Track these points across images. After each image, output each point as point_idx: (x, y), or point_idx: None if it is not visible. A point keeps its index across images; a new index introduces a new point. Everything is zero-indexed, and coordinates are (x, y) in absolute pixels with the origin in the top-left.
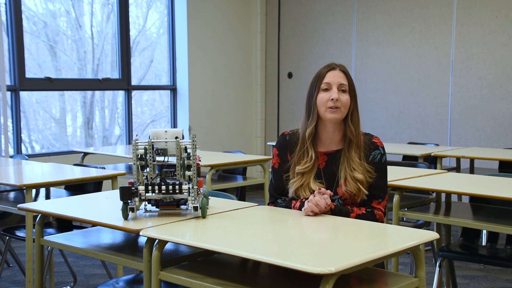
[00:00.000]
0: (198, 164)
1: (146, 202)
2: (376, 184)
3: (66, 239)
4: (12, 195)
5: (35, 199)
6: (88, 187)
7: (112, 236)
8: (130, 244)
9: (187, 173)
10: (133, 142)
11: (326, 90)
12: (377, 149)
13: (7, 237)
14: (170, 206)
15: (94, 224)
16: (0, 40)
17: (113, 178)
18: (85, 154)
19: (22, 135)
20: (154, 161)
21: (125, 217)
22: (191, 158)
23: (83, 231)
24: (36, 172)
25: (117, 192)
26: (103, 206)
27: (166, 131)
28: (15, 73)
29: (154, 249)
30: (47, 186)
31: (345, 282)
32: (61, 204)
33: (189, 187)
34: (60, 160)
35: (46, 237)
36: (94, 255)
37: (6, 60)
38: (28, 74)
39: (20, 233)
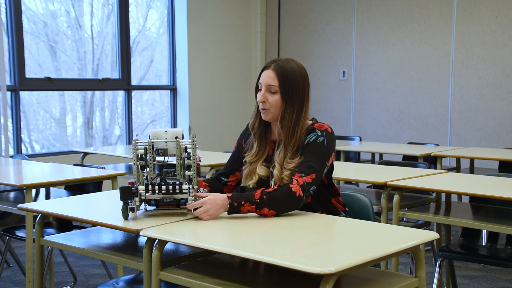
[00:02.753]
0: (198, 164)
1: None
2: (303, 161)
3: (66, 239)
4: (12, 195)
5: (35, 199)
6: (88, 187)
7: (112, 236)
8: (130, 244)
9: (187, 173)
10: (133, 142)
11: (260, 90)
12: (312, 132)
13: (7, 237)
14: (170, 206)
15: (94, 224)
16: (0, 40)
17: (113, 178)
18: (85, 154)
19: (22, 135)
20: (154, 161)
21: (125, 217)
22: (191, 158)
23: (83, 231)
24: (36, 172)
25: (117, 192)
26: (103, 206)
27: (166, 131)
28: (15, 73)
29: (154, 249)
30: (47, 186)
31: (345, 282)
32: (61, 204)
33: (189, 187)
34: (60, 160)
35: (46, 237)
36: (94, 255)
37: (6, 60)
38: (28, 74)
39: (20, 233)
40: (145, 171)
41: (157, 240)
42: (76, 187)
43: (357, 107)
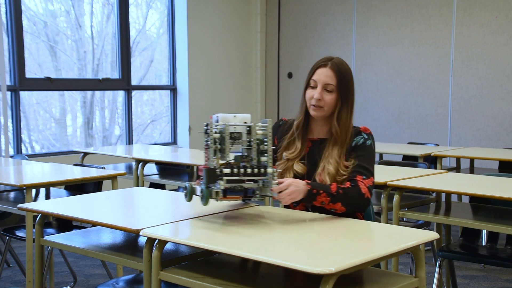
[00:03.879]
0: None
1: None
2: (360, 164)
3: (66, 239)
4: (12, 195)
5: (35, 199)
6: (88, 187)
7: (112, 236)
8: (130, 244)
9: (262, 158)
10: (210, 124)
11: (313, 87)
12: (359, 135)
13: (7, 237)
14: (236, 197)
15: (94, 224)
16: (0, 40)
17: (113, 178)
18: (85, 154)
19: (22, 135)
20: (230, 146)
21: (207, 202)
22: (266, 144)
23: (83, 231)
24: (36, 172)
25: (117, 192)
26: (103, 206)
27: (235, 116)
28: (15, 73)
29: (154, 249)
30: (47, 186)
31: (345, 282)
32: (61, 204)
33: (273, 170)
34: (60, 160)
35: (46, 237)
36: (94, 255)
37: (6, 60)
38: (28, 74)
39: (20, 233)
40: (216, 156)
41: (157, 240)
42: (76, 187)
43: (357, 107)
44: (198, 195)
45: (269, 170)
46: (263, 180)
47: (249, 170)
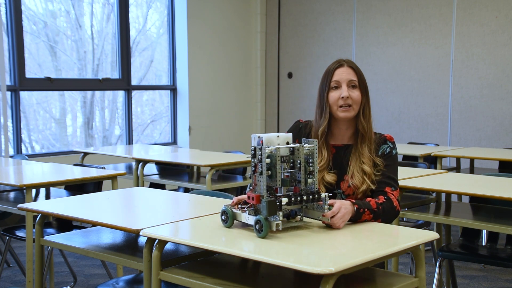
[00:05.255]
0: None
1: (248, 216)
2: (387, 175)
3: (66, 239)
4: (12, 195)
5: (35, 199)
6: (88, 187)
7: (112, 236)
8: (130, 244)
9: (309, 180)
10: (261, 149)
11: (336, 88)
12: (385, 143)
13: (7, 237)
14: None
15: (94, 224)
16: (0, 40)
17: (113, 178)
18: (85, 154)
19: (22, 135)
20: (280, 170)
21: (265, 235)
22: (311, 164)
23: (83, 231)
24: (36, 172)
25: (117, 192)
26: (103, 206)
27: (278, 136)
28: (15, 73)
29: (154, 249)
30: (47, 186)
31: (345, 282)
32: (61, 204)
33: (325, 195)
34: (60, 160)
35: (46, 237)
36: (94, 255)
37: (6, 60)
38: (28, 74)
39: (20, 233)
40: (259, 180)
41: (157, 240)
42: (76, 187)
43: None
44: (243, 222)
45: (322, 195)
46: (314, 204)
47: (305, 197)
